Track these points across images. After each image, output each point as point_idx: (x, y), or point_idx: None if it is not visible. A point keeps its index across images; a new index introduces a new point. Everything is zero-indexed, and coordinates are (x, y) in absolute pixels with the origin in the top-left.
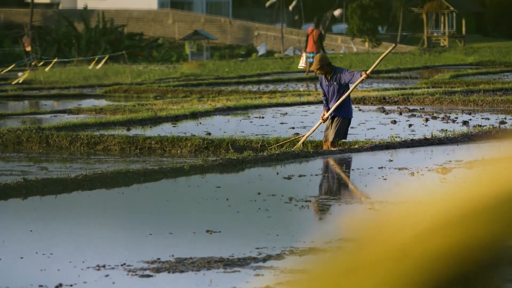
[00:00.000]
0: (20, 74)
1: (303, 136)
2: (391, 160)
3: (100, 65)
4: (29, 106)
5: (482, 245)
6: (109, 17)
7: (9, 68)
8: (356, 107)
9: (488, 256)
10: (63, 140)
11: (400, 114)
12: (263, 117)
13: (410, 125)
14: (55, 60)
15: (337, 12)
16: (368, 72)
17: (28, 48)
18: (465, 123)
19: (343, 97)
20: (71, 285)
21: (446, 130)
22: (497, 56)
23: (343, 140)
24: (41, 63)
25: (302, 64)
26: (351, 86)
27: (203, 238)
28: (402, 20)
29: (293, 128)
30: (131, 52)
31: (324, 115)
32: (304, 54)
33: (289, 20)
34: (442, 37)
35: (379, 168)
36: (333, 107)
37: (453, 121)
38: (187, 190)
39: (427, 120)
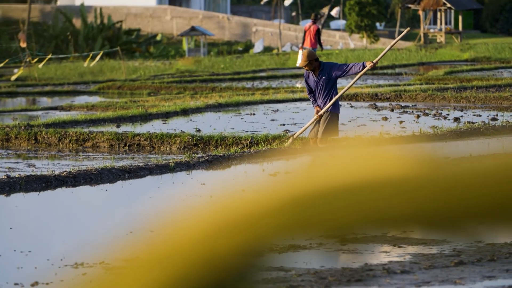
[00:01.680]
0: (16, 70)
1: (296, 133)
2: None
3: (95, 62)
4: (22, 102)
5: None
6: (107, 14)
7: (2, 64)
8: (348, 103)
9: (245, 263)
10: (52, 137)
11: (392, 110)
12: (254, 114)
13: (401, 122)
14: (49, 56)
15: (334, 11)
16: (375, 60)
17: (24, 45)
18: (456, 119)
19: (346, 89)
20: (47, 283)
21: (437, 126)
22: (492, 52)
23: (336, 136)
24: (36, 60)
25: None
26: (354, 78)
27: None
28: (400, 16)
29: (284, 124)
30: (128, 48)
31: (318, 111)
32: (300, 51)
33: (287, 16)
34: (439, 33)
35: None
36: (331, 101)
37: (445, 118)
38: (172, 187)
39: (418, 116)
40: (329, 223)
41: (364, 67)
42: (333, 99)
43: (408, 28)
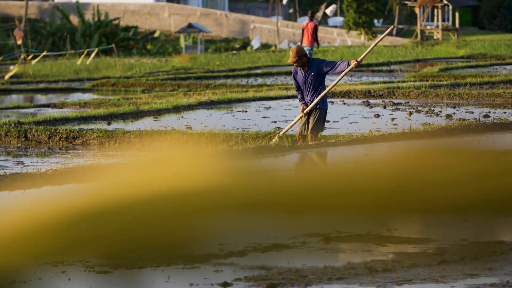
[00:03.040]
0: (11, 67)
1: (282, 130)
2: (367, 155)
3: (90, 60)
4: (15, 100)
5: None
6: (104, 11)
7: None
8: (340, 100)
9: None
10: (42, 134)
11: (385, 107)
12: (246, 111)
13: (393, 119)
14: (44, 53)
15: (329, 10)
16: (359, 59)
17: (19, 42)
18: (448, 116)
19: (330, 87)
20: (25, 282)
21: (428, 123)
22: (488, 49)
23: (321, 132)
24: (30, 57)
25: None
26: (338, 77)
27: None
28: (398, 13)
29: (275, 122)
30: (125, 45)
31: (303, 109)
32: None
33: (285, 13)
34: (436, 30)
35: (354, 162)
36: (317, 99)
37: (437, 115)
38: None
39: (410, 113)
40: (99, 246)
41: (349, 65)
42: (319, 97)
43: (392, 26)
